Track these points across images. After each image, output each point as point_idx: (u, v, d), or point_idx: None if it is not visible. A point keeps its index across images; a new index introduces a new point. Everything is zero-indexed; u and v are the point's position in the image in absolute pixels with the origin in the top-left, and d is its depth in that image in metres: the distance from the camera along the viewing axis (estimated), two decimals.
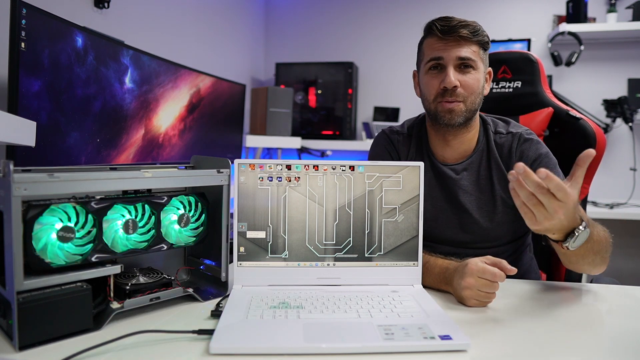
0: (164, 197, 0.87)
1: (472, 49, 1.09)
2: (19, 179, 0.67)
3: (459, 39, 1.08)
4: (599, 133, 1.27)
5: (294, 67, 3.14)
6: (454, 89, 1.08)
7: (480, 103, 1.13)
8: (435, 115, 1.13)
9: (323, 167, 0.96)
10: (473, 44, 1.09)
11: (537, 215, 0.78)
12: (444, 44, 1.09)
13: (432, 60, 1.11)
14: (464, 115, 1.10)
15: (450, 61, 1.08)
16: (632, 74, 2.81)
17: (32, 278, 0.69)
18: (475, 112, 1.13)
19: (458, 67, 1.09)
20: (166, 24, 2.16)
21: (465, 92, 1.09)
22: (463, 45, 1.08)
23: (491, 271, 0.86)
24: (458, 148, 1.17)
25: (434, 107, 1.13)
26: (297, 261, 0.96)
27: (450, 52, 1.08)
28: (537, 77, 1.39)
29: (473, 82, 1.09)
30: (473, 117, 1.14)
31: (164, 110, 1.72)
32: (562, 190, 0.74)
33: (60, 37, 1.20)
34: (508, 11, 3.05)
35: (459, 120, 1.10)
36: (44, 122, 1.16)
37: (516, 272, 0.87)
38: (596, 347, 0.75)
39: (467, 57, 1.08)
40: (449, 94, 1.09)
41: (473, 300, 0.88)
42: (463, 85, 1.09)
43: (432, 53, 1.11)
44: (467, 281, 0.87)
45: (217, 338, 0.70)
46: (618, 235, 3.23)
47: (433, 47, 1.11)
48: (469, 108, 1.10)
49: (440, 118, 1.12)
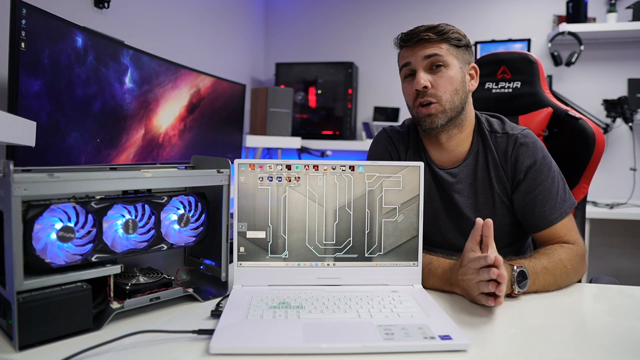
0: (164, 197, 0.87)
1: (440, 46, 1.08)
2: (19, 179, 0.67)
3: (423, 42, 1.08)
4: (598, 133, 1.26)
5: (294, 67, 3.14)
6: (425, 90, 1.08)
7: (464, 100, 1.11)
8: (418, 121, 1.14)
9: (323, 167, 0.96)
10: (441, 42, 1.08)
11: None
12: (411, 50, 1.10)
13: (403, 68, 1.13)
14: (445, 115, 1.09)
15: (418, 63, 1.09)
16: (632, 74, 2.81)
17: (32, 278, 0.69)
18: (460, 111, 1.11)
19: (428, 68, 1.09)
20: (166, 24, 2.16)
21: (439, 92, 1.08)
22: (428, 47, 1.08)
23: (476, 256, 0.86)
24: (453, 150, 1.16)
25: (415, 113, 1.14)
26: (297, 261, 0.96)
27: (417, 55, 1.09)
28: (536, 78, 1.39)
29: (444, 80, 1.08)
30: (460, 116, 1.12)
31: (164, 110, 1.72)
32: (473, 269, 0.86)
33: (60, 37, 1.20)
34: (508, 11, 3.05)
35: (440, 122, 1.09)
36: (44, 122, 1.16)
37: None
38: (596, 347, 0.75)
39: (432, 53, 1.07)
40: (421, 95, 1.09)
41: (477, 293, 0.86)
42: (435, 85, 1.08)
43: (402, 61, 1.14)
44: (462, 273, 0.89)
45: (217, 338, 0.70)
46: (618, 235, 3.23)
47: (403, 55, 1.13)
48: (447, 107, 1.09)
49: (422, 124, 1.12)
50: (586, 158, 1.26)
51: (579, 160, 1.29)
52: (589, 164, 1.27)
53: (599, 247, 2.85)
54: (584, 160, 1.27)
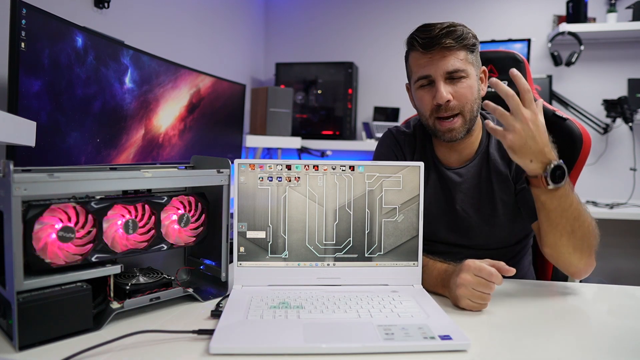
0: (164, 197, 0.87)
1: (459, 57, 1.05)
2: (19, 179, 0.67)
3: (443, 50, 1.03)
4: (585, 134, 1.26)
5: (294, 67, 3.14)
6: (447, 103, 1.05)
7: (479, 107, 1.11)
8: (435, 132, 1.12)
9: (323, 167, 0.96)
10: (459, 50, 1.05)
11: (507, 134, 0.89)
12: (429, 59, 1.05)
13: (420, 79, 1.08)
14: (465, 127, 1.08)
15: (439, 76, 1.05)
16: (632, 74, 2.81)
17: (32, 278, 0.69)
18: (476, 119, 1.11)
19: (448, 79, 1.06)
20: (166, 24, 2.16)
21: (460, 103, 1.06)
22: (448, 57, 1.04)
23: (488, 270, 0.84)
24: (463, 150, 1.17)
25: (432, 124, 1.11)
26: (297, 261, 0.96)
27: (438, 67, 1.05)
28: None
29: (466, 91, 1.06)
30: (475, 124, 1.12)
31: (164, 110, 1.72)
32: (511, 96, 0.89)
33: (60, 37, 1.20)
34: (508, 11, 3.05)
35: (460, 135, 1.09)
36: (44, 122, 1.16)
37: (514, 274, 0.86)
38: (596, 347, 0.75)
39: (455, 69, 1.04)
40: (443, 109, 1.06)
41: (466, 300, 0.86)
42: (456, 97, 1.06)
43: (419, 71, 1.08)
44: (463, 277, 0.86)
45: (217, 338, 0.70)
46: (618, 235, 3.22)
47: (419, 63, 1.08)
48: (467, 118, 1.08)
49: (441, 136, 1.10)
50: (573, 158, 1.26)
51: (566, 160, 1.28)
52: (576, 164, 1.27)
53: (599, 247, 2.85)
54: (570, 160, 1.27)
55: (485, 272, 0.85)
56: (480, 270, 0.85)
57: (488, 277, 0.84)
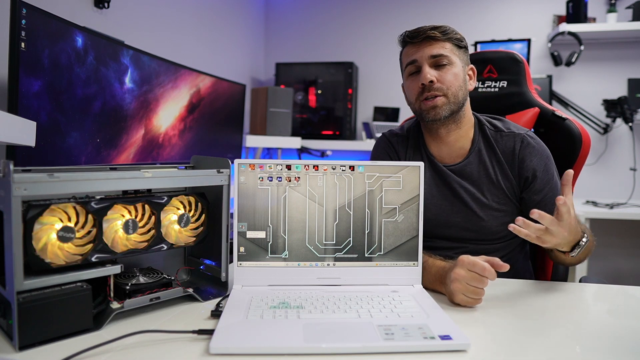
0: (164, 197, 0.87)
1: (445, 46, 1.12)
2: (19, 179, 0.67)
3: (429, 39, 1.12)
4: (584, 133, 1.27)
5: (294, 67, 3.14)
6: (431, 84, 1.11)
7: (465, 97, 1.16)
8: (421, 114, 1.16)
9: (323, 167, 0.96)
10: (445, 41, 1.12)
11: (544, 238, 0.91)
12: (417, 47, 1.14)
13: (409, 65, 1.15)
14: (449, 108, 1.12)
15: (424, 60, 1.12)
16: (632, 74, 2.81)
17: (32, 278, 0.69)
18: (461, 107, 1.15)
19: (433, 65, 1.12)
20: (166, 24, 2.16)
21: (444, 86, 1.11)
22: (434, 44, 1.12)
23: (481, 265, 0.86)
24: (453, 145, 1.19)
25: (418, 107, 1.16)
26: (297, 261, 0.96)
27: (423, 52, 1.12)
28: (522, 77, 1.40)
29: (450, 76, 1.11)
30: (460, 112, 1.15)
31: (164, 110, 1.72)
32: (554, 223, 0.88)
33: (60, 37, 1.20)
34: (508, 11, 3.05)
35: (444, 113, 1.12)
36: (44, 122, 1.16)
37: (508, 270, 0.87)
38: (596, 347, 0.75)
39: (439, 53, 1.11)
40: (427, 89, 1.12)
41: (460, 295, 0.87)
42: (440, 80, 1.11)
43: (407, 59, 1.16)
44: (457, 272, 0.88)
45: (217, 338, 0.70)
46: (618, 235, 3.22)
47: (408, 53, 1.16)
48: (452, 101, 1.12)
49: (425, 115, 1.14)
50: (572, 158, 1.26)
51: (565, 160, 1.29)
52: (575, 163, 1.27)
53: (599, 247, 2.82)
54: (570, 160, 1.28)
55: (479, 266, 0.86)
56: (473, 265, 0.86)
57: (481, 272, 0.85)
